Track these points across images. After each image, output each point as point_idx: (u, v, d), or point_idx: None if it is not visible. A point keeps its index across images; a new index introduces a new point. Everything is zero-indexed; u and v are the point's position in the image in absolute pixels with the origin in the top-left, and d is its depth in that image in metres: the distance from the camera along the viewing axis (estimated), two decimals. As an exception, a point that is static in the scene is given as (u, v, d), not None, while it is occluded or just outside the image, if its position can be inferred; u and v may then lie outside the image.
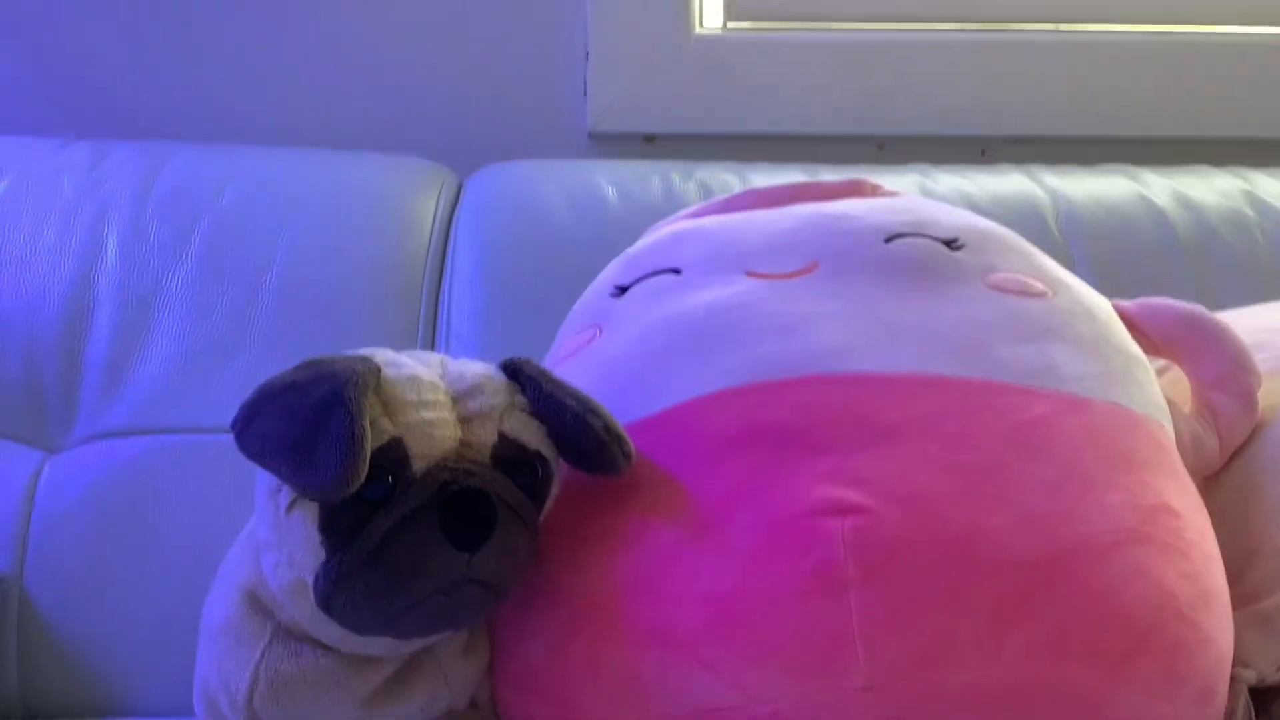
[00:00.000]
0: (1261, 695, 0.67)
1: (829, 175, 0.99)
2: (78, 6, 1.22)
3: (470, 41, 1.24)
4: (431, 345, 0.99)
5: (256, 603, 0.64)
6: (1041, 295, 0.71)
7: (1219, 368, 0.74)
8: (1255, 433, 0.73)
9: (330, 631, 0.61)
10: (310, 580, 0.59)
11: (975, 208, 0.98)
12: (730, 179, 1.06)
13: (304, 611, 0.61)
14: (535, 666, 0.64)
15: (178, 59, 1.23)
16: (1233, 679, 0.64)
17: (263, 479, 0.62)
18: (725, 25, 1.25)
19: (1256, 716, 0.66)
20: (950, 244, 0.73)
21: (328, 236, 1.01)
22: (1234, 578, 0.65)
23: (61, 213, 1.00)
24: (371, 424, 0.57)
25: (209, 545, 0.71)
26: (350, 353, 0.62)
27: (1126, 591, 0.59)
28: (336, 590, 0.58)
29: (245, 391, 0.60)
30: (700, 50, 1.23)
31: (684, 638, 0.59)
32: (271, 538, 0.61)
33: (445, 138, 1.22)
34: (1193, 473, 0.68)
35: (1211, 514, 0.66)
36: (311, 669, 0.62)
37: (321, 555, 0.59)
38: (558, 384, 0.63)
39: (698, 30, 1.23)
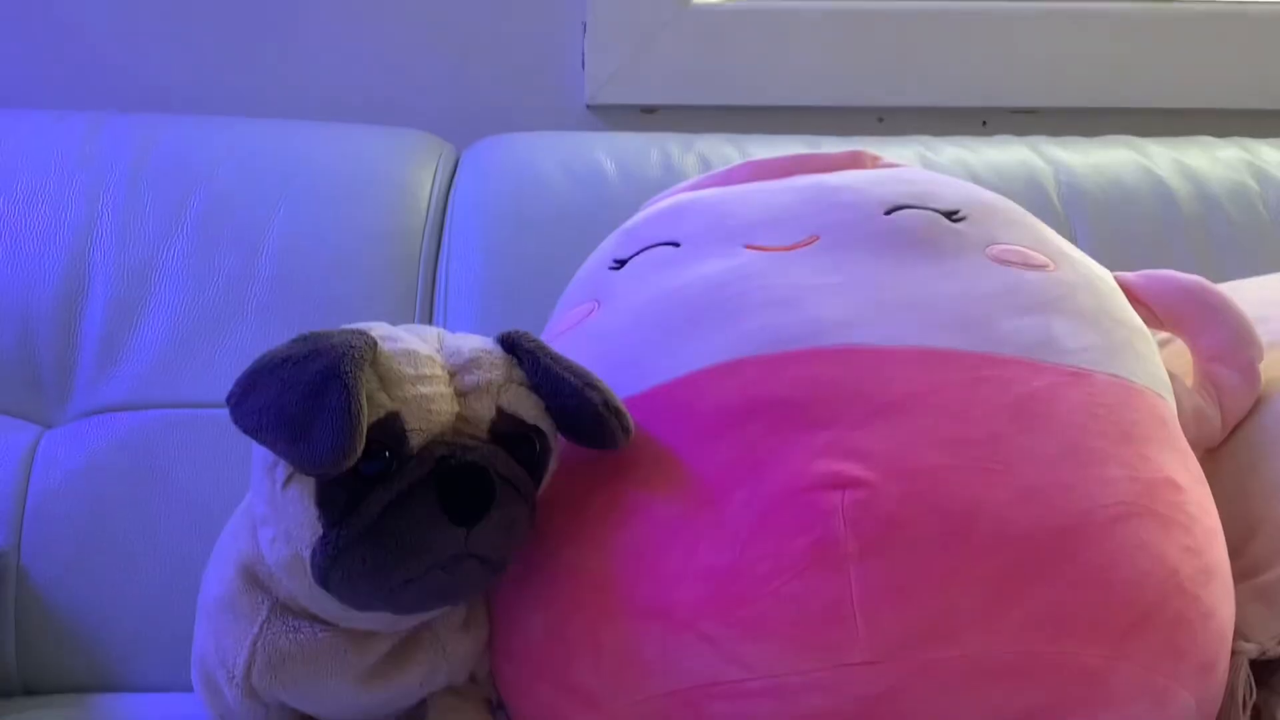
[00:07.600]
0: (1262, 668, 0.67)
1: (829, 147, 0.98)
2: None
3: (468, 13, 1.23)
4: (429, 319, 0.99)
5: (253, 578, 0.64)
6: (1043, 267, 0.71)
7: (1221, 340, 0.73)
8: (1257, 406, 0.73)
9: (328, 607, 0.61)
10: (307, 555, 0.59)
11: (976, 179, 0.98)
12: (729, 151, 1.05)
13: (301, 587, 0.61)
14: (534, 641, 0.64)
15: (173, 32, 1.21)
16: (1234, 652, 0.64)
17: (259, 454, 0.61)
18: (724, -5, 1.24)
19: (1257, 689, 0.66)
20: (951, 216, 0.73)
21: (324, 209, 1.00)
22: (1235, 551, 0.65)
23: (56, 187, 0.99)
24: (368, 398, 0.57)
25: (205, 520, 0.71)
26: (347, 327, 0.61)
27: (1128, 566, 0.59)
28: (334, 565, 0.58)
29: (241, 365, 0.60)
30: (699, 21, 1.22)
31: (683, 612, 0.59)
32: (268, 513, 0.61)
33: (443, 110, 1.21)
34: (1194, 446, 0.68)
35: (1213, 487, 0.66)
36: (309, 645, 0.62)
37: (318, 530, 0.59)
38: (556, 358, 0.63)
39: (696, 0, 1.22)
